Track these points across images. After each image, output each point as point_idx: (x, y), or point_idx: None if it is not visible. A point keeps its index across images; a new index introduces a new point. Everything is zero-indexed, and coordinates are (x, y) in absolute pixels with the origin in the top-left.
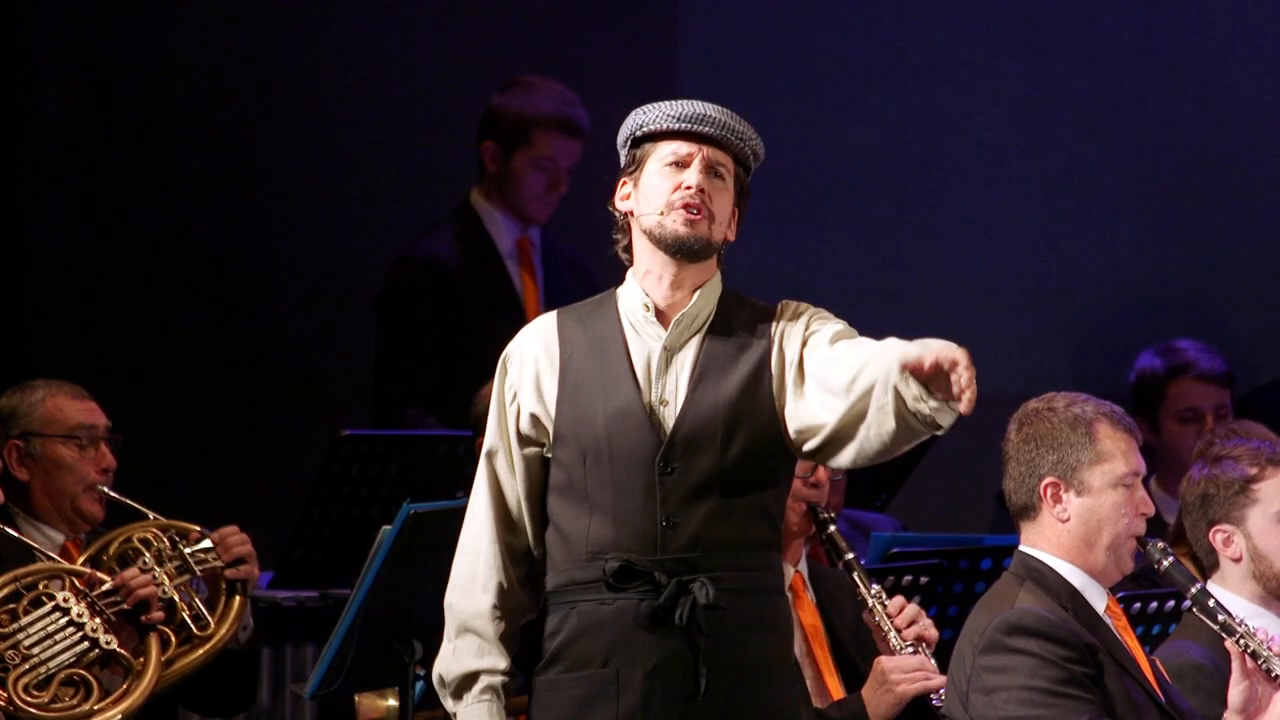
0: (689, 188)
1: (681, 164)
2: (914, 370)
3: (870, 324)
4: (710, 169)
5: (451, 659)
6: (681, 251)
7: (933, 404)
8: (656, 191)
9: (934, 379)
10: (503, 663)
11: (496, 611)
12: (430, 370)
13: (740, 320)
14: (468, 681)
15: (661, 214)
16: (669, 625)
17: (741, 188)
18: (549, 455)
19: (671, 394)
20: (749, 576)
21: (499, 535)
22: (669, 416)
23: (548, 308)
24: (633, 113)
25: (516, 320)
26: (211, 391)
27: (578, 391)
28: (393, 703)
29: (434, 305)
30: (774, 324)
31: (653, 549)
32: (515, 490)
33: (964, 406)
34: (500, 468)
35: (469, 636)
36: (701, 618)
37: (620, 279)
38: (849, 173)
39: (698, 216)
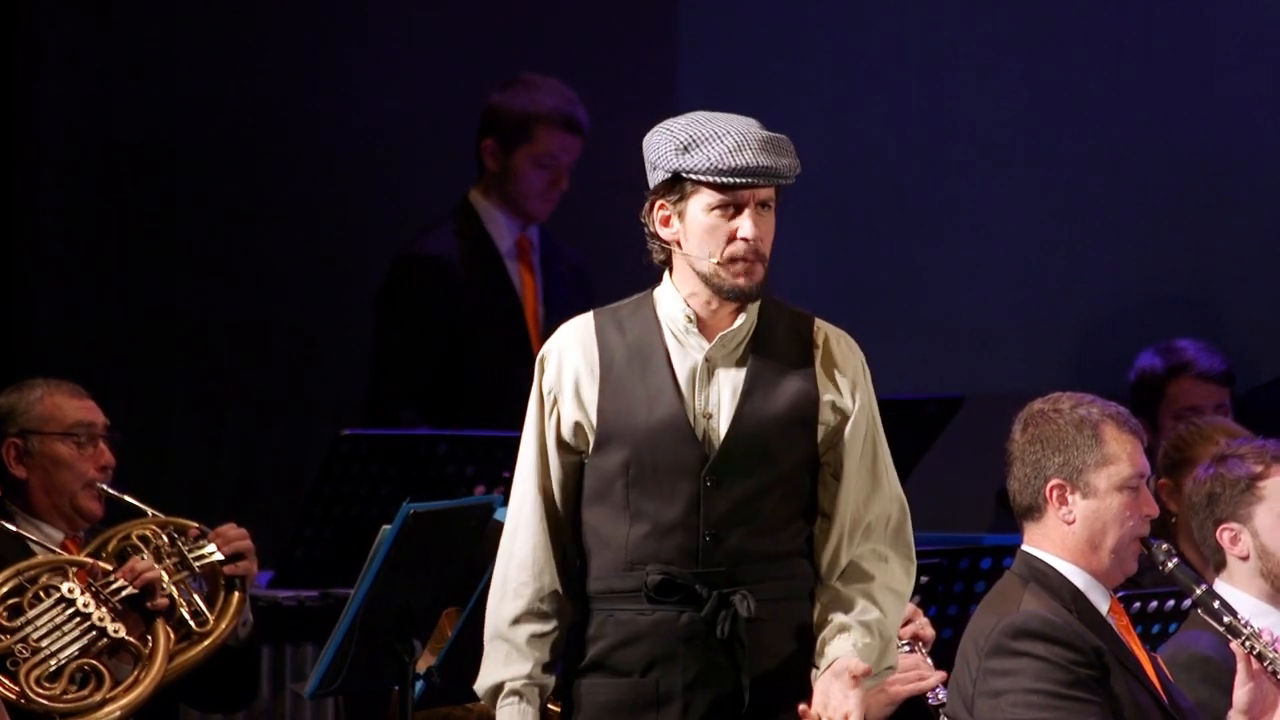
0: (745, 239)
1: (734, 207)
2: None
3: (871, 323)
4: (760, 205)
5: (485, 667)
6: (738, 299)
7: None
8: (708, 235)
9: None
10: (527, 666)
11: (526, 617)
12: (426, 369)
13: (782, 332)
14: (496, 691)
15: (717, 263)
16: (709, 638)
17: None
18: (587, 461)
19: (715, 407)
20: (785, 586)
21: (538, 538)
22: (714, 430)
23: (546, 307)
24: (671, 132)
25: (516, 319)
26: (211, 390)
27: (619, 400)
28: None
29: (434, 303)
30: (817, 352)
31: (693, 561)
32: (553, 492)
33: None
34: (540, 469)
35: (498, 643)
36: (743, 630)
37: (620, 279)
38: (849, 173)
39: (755, 267)
